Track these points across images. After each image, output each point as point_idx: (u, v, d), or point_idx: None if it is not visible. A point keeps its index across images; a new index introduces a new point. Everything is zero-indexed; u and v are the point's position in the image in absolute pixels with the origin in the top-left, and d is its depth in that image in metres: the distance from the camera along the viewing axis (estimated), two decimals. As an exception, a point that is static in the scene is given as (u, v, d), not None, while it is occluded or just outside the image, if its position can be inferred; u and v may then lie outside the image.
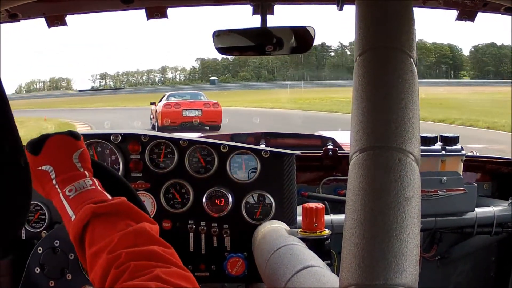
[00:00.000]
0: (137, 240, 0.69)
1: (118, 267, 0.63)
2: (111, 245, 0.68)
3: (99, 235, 0.71)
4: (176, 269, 0.64)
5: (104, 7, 1.37)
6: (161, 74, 74.51)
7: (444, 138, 1.83)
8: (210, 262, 1.47)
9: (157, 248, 0.67)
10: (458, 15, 1.38)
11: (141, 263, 0.63)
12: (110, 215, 0.74)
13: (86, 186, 0.80)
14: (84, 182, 0.80)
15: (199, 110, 12.89)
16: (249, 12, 1.34)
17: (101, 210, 0.74)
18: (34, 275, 1.24)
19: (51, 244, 1.24)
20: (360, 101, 0.49)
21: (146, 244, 0.68)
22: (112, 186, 0.89)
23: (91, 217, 0.73)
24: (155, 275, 0.61)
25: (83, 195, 0.78)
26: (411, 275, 0.43)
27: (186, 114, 12.73)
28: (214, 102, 13.57)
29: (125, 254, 0.65)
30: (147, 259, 0.64)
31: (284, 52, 1.36)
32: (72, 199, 0.78)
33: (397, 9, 0.52)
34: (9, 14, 1.25)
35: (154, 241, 0.70)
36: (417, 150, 0.48)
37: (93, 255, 0.70)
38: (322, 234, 1.27)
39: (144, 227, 0.72)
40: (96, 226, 0.73)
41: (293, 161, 1.48)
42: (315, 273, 0.86)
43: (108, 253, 0.67)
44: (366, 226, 0.44)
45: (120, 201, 0.77)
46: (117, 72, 77.79)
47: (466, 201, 1.72)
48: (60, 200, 0.79)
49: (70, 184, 0.79)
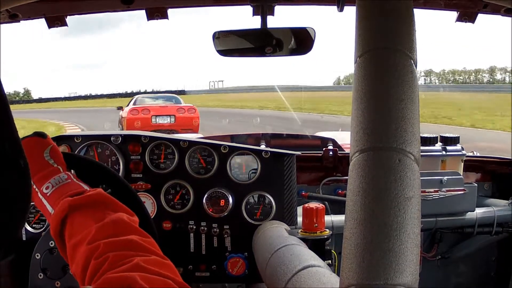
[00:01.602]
0: (115, 230, 0.69)
1: (98, 258, 0.64)
2: (89, 236, 0.68)
3: (78, 227, 0.72)
4: (156, 257, 0.65)
5: (104, 8, 1.37)
6: (489, 74, 69.05)
7: (444, 138, 1.84)
8: (210, 262, 1.47)
9: (135, 237, 0.68)
10: (458, 17, 1.38)
11: (120, 253, 0.64)
12: (88, 206, 0.75)
13: (62, 181, 0.81)
14: (59, 177, 0.81)
15: (171, 117, 10.96)
16: (250, 13, 1.34)
17: (78, 202, 0.75)
18: (38, 281, 1.25)
19: (47, 246, 1.25)
20: (360, 102, 0.49)
21: (125, 233, 0.68)
22: (90, 173, 0.91)
23: (68, 210, 0.74)
24: (135, 264, 0.61)
25: (59, 190, 0.79)
26: (411, 275, 0.43)
27: (156, 121, 10.78)
28: (189, 107, 11.52)
29: (103, 244, 0.66)
30: (126, 249, 0.65)
31: (284, 53, 1.36)
32: (50, 195, 0.79)
33: (398, 10, 0.52)
34: (9, 14, 1.25)
35: (132, 230, 0.71)
36: (417, 150, 0.48)
37: (73, 247, 0.70)
38: (322, 235, 1.27)
39: (122, 217, 0.73)
40: (75, 218, 0.74)
41: (294, 161, 1.48)
42: (315, 273, 0.86)
43: (87, 243, 0.67)
44: (367, 226, 0.44)
45: (97, 192, 0.78)
46: (443, 70, 75.69)
47: (467, 201, 1.72)
48: (39, 199, 0.80)
49: (47, 181, 0.81)
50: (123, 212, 0.76)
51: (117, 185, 0.95)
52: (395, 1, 0.53)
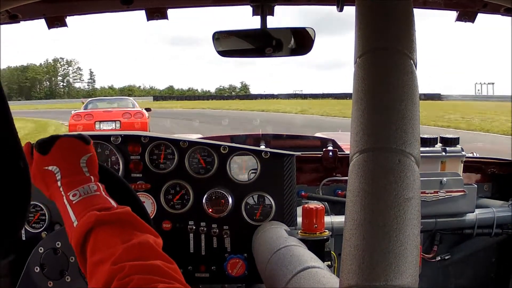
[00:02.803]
0: (141, 253, 0.68)
1: (121, 279, 0.63)
2: (115, 255, 0.67)
3: (102, 244, 0.71)
4: (179, 286, 0.64)
5: (104, 8, 1.37)
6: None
7: (444, 139, 1.84)
8: (210, 263, 1.47)
9: (160, 263, 0.67)
10: (458, 16, 1.38)
11: (144, 277, 0.63)
12: (114, 224, 0.73)
13: (90, 192, 0.79)
14: (89, 187, 0.80)
15: (116, 122, 10.45)
16: (250, 13, 1.34)
17: (105, 218, 0.73)
18: (33, 274, 1.24)
19: (52, 244, 1.24)
20: (360, 102, 0.49)
21: (150, 258, 0.67)
22: (118, 193, 0.88)
23: (94, 224, 0.73)
24: None
25: (87, 201, 0.78)
26: (411, 276, 0.43)
27: (100, 127, 10.28)
28: (136, 111, 11.05)
29: (129, 266, 0.64)
30: (150, 274, 0.64)
31: (283, 54, 1.36)
32: (76, 204, 0.77)
33: (397, 10, 0.52)
34: (10, 15, 1.25)
35: (158, 255, 0.69)
36: (417, 151, 0.48)
37: (95, 264, 0.69)
38: (322, 235, 1.27)
39: (148, 240, 0.71)
40: (99, 234, 0.72)
41: (293, 162, 1.48)
42: (315, 274, 0.86)
43: (112, 264, 0.66)
44: (366, 227, 0.44)
45: (125, 211, 0.76)
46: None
47: (466, 202, 1.72)
48: (64, 204, 0.78)
49: (75, 188, 0.79)
50: (149, 233, 0.74)
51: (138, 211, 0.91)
52: (395, 1, 0.52)
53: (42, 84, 78.62)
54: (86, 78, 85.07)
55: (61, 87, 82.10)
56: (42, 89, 77.99)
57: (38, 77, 77.86)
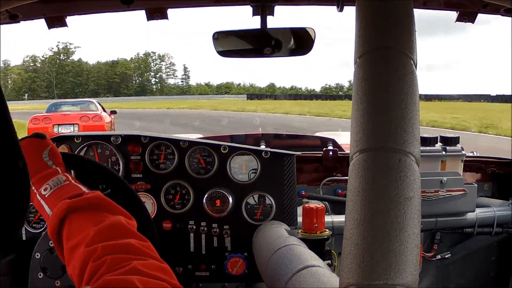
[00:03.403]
0: (113, 233, 0.70)
1: (96, 261, 0.64)
2: (87, 238, 0.69)
3: (76, 229, 0.73)
4: (153, 261, 0.65)
5: (104, 8, 1.37)
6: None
7: (444, 138, 1.84)
8: (210, 262, 1.47)
9: (133, 241, 0.68)
10: (458, 16, 1.38)
11: (118, 256, 0.64)
12: (86, 208, 0.75)
13: (60, 183, 0.81)
14: (57, 179, 0.82)
15: (74, 125, 10.26)
16: (250, 13, 1.34)
17: (76, 204, 0.75)
18: (38, 280, 1.25)
19: (47, 246, 1.25)
20: (360, 102, 0.49)
21: (122, 237, 0.69)
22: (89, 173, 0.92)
23: (66, 212, 0.75)
24: (132, 268, 0.61)
25: (58, 192, 0.80)
26: (411, 275, 0.43)
27: (59, 130, 10.08)
28: (95, 114, 10.84)
29: (101, 247, 0.66)
30: (123, 252, 0.65)
31: (283, 54, 1.36)
32: (48, 197, 0.80)
33: (397, 10, 0.52)
34: (9, 15, 1.25)
35: (130, 234, 0.71)
36: (417, 150, 0.48)
37: (70, 249, 0.71)
38: (322, 235, 1.27)
39: (120, 220, 0.73)
40: (73, 220, 0.74)
41: (293, 161, 1.48)
42: (315, 273, 0.86)
43: (85, 246, 0.67)
44: (366, 226, 0.44)
45: (95, 195, 0.78)
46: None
47: (466, 201, 1.72)
48: (38, 200, 0.81)
49: (45, 183, 0.81)
50: (121, 215, 0.76)
51: (116, 185, 0.95)
52: (395, 1, 0.52)
53: (133, 80, 71.86)
54: (179, 74, 79.56)
55: (153, 83, 76.12)
56: (132, 85, 71.64)
57: (128, 72, 71.60)
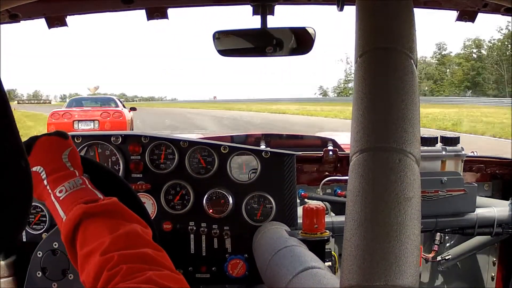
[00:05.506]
0: (129, 242, 0.69)
1: (111, 270, 0.63)
2: (103, 246, 0.68)
3: (91, 236, 0.71)
4: (169, 272, 0.65)
5: (105, 8, 1.37)
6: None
7: (444, 138, 1.83)
8: (211, 263, 1.47)
9: (149, 250, 0.67)
10: (458, 16, 1.38)
11: (133, 265, 0.63)
12: (101, 215, 0.74)
13: (76, 186, 0.80)
14: (74, 182, 0.80)
15: (95, 122, 10.22)
16: (250, 13, 1.34)
17: (92, 210, 0.74)
18: (36, 279, 1.24)
19: (50, 246, 1.25)
20: (360, 102, 0.49)
21: (138, 246, 0.68)
22: (104, 181, 0.90)
23: (82, 217, 0.73)
24: (147, 278, 0.61)
25: (73, 195, 0.78)
26: (411, 276, 0.43)
27: (79, 127, 10.06)
28: (115, 111, 10.76)
29: (117, 256, 0.65)
30: (139, 262, 0.65)
31: (284, 53, 1.36)
32: (63, 199, 0.78)
33: (398, 10, 0.52)
34: (10, 14, 1.25)
35: (146, 243, 0.70)
36: (417, 150, 0.48)
37: (85, 256, 0.70)
38: (322, 236, 1.27)
39: (136, 229, 0.72)
40: (88, 226, 0.73)
41: (294, 161, 1.48)
42: (315, 274, 0.86)
43: (101, 254, 0.66)
44: (367, 227, 0.44)
45: (111, 202, 0.77)
46: None
47: (467, 201, 1.72)
48: (52, 202, 0.79)
49: (61, 184, 0.80)
50: (137, 223, 0.75)
51: (128, 198, 0.92)
52: (395, 1, 0.52)
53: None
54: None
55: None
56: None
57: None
